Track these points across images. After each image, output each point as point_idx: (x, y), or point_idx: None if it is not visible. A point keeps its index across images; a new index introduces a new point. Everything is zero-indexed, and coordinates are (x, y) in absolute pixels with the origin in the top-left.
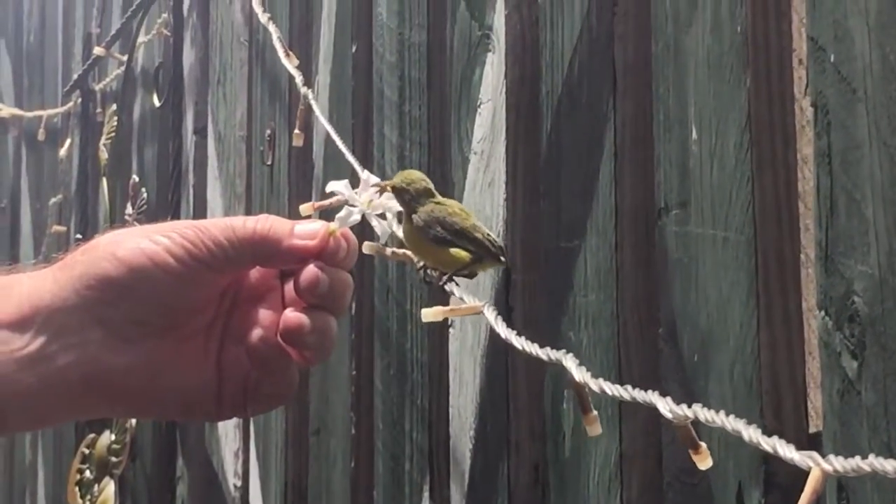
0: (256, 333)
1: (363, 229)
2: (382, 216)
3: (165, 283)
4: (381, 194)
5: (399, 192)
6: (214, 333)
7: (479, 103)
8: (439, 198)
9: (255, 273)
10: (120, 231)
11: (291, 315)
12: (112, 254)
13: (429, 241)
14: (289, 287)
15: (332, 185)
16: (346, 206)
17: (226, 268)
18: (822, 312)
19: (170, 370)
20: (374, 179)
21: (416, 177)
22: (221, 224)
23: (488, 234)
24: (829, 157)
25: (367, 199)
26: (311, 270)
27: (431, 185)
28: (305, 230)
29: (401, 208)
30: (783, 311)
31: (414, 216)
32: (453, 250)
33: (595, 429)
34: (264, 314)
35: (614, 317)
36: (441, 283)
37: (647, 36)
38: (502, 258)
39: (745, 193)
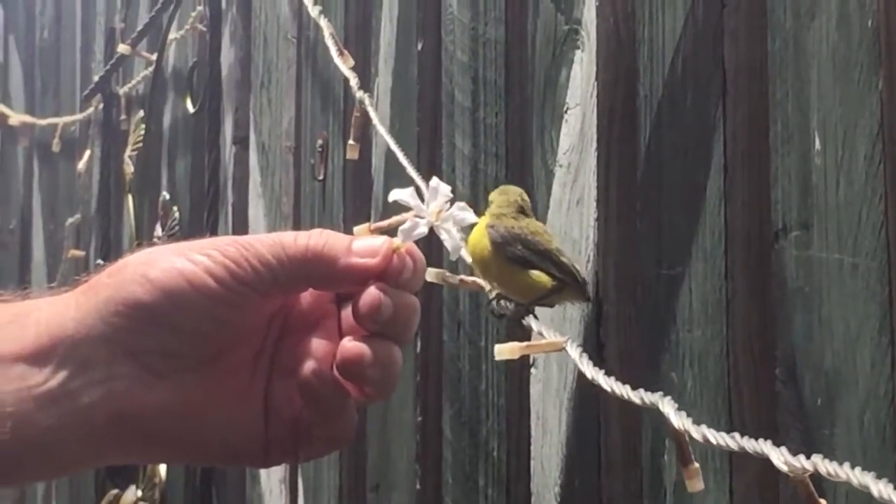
0: (309, 366)
1: (430, 249)
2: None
3: (205, 308)
4: (451, 204)
5: (519, 206)
6: (261, 366)
7: (565, 109)
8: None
9: (307, 297)
10: (152, 249)
11: (350, 345)
12: (143, 275)
13: (506, 260)
14: (346, 313)
15: (395, 194)
16: (410, 218)
17: (274, 290)
18: None
19: (209, 409)
20: (445, 187)
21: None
22: (269, 240)
23: (573, 263)
24: None
25: (435, 209)
26: (372, 293)
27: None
28: (365, 247)
29: (476, 220)
30: None
31: (489, 230)
32: (534, 273)
33: (696, 484)
34: (318, 344)
35: (724, 355)
36: (517, 316)
37: (763, 31)
38: (587, 293)
39: (878, 213)
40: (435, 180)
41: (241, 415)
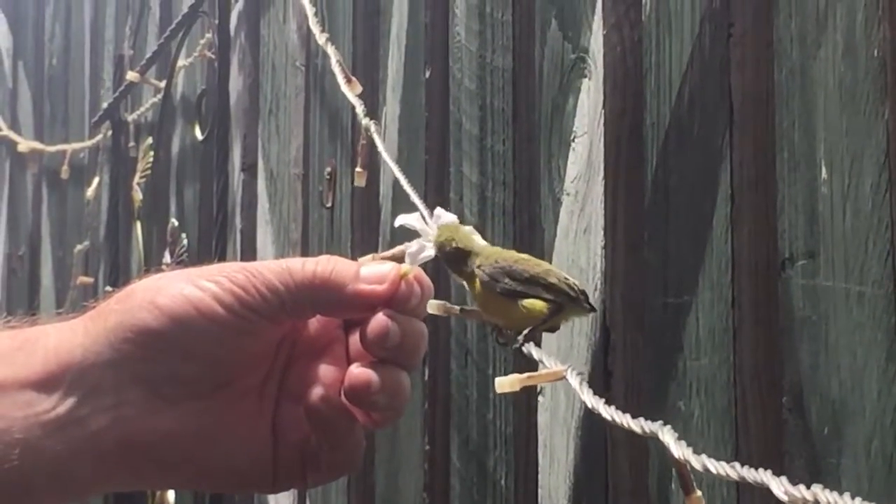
0: (317, 392)
1: (438, 276)
2: None
3: (213, 335)
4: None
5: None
6: (269, 392)
7: (572, 137)
8: (494, 247)
9: (315, 323)
10: (160, 276)
11: (358, 371)
12: (151, 302)
13: (498, 297)
14: (354, 339)
15: (401, 219)
16: (416, 240)
17: (282, 317)
18: None
19: (218, 434)
20: (449, 216)
21: (446, 237)
22: (276, 267)
23: (566, 279)
24: None
25: None
26: (379, 319)
27: (462, 244)
28: (373, 273)
29: (482, 242)
30: None
31: (477, 270)
32: (526, 302)
33: None
34: (326, 370)
35: (731, 384)
36: (518, 345)
37: (769, 61)
38: (587, 304)
39: (884, 242)
40: (439, 209)
41: (250, 441)
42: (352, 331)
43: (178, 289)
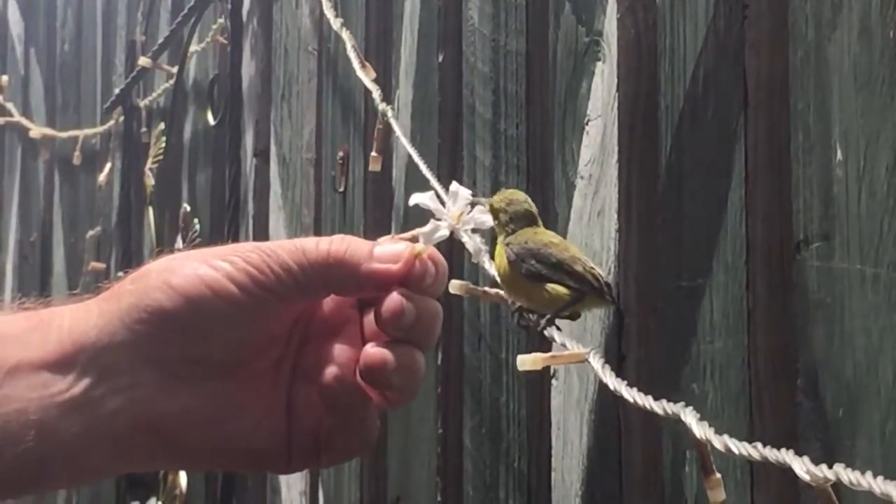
0: (331, 372)
1: (451, 256)
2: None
3: (227, 315)
4: (472, 208)
5: (495, 214)
6: (283, 372)
7: (586, 120)
8: (538, 228)
9: (329, 302)
10: (174, 256)
11: (373, 350)
12: (166, 282)
13: (522, 277)
14: (369, 318)
15: (415, 198)
16: (431, 220)
17: (296, 296)
18: None
19: (233, 415)
20: (465, 192)
21: (520, 198)
22: (290, 246)
23: (592, 268)
24: None
25: (456, 212)
26: (394, 299)
27: (535, 211)
28: (387, 252)
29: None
30: None
31: (506, 248)
32: (549, 286)
33: (718, 494)
34: (340, 350)
35: (745, 366)
36: (540, 328)
37: (784, 43)
38: (609, 297)
39: None
40: (455, 185)
41: (264, 421)
42: (366, 311)
43: (192, 269)
